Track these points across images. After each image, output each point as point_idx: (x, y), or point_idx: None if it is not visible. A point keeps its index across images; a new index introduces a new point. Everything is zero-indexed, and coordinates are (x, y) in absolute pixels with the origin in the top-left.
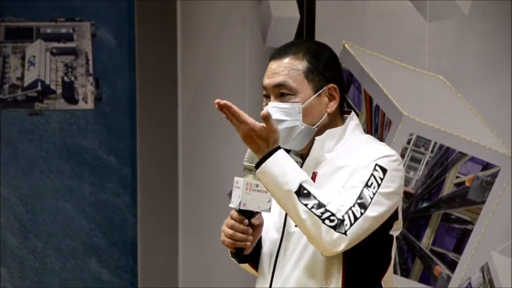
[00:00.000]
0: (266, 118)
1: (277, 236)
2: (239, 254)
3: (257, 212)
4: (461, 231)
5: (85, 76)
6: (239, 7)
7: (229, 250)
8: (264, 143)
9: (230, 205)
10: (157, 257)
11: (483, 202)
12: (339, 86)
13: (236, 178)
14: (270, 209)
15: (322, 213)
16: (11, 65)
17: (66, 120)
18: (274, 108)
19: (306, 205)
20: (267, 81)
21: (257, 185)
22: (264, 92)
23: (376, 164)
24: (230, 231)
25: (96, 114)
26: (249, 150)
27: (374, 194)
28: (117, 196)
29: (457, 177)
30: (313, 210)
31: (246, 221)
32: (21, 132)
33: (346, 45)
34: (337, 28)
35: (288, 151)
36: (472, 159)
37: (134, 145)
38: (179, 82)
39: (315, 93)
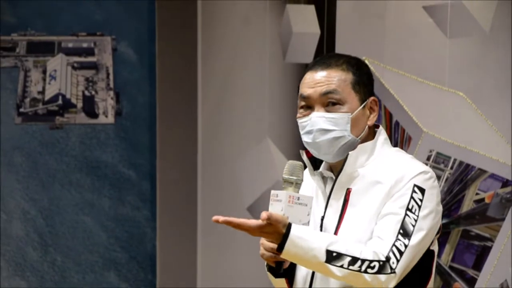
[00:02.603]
0: (267, 219)
1: None
2: (278, 268)
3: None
4: (481, 248)
5: (105, 90)
6: (259, 23)
7: (266, 264)
8: (275, 233)
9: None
10: (176, 271)
11: (503, 219)
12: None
13: (274, 192)
14: (308, 222)
15: (360, 266)
16: (32, 79)
17: (86, 134)
18: (321, 118)
19: (341, 266)
20: (311, 90)
21: (298, 198)
22: (304, 103)
23: (415, 185)
24: (271, 245)
25: (116, 128)
26: (288, 162)
27: (416, 220)
28: (136, 210)
29: (477, 193)
30: (350, 267)
31: None
32: (42, 146)
33: (366, 61)
34: (357, 43)
35: (319, 161)
36: (492, 176)
37: (154, 160)
38: (199, 97)
39: (360, 105)
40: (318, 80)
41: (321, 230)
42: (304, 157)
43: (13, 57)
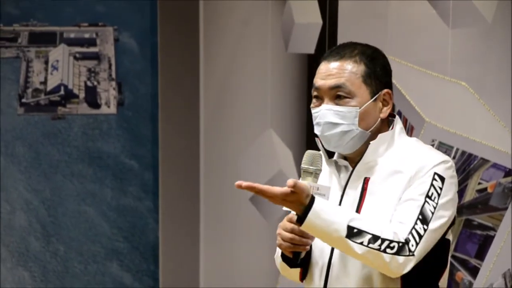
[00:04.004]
0: (293, 186)
1: (325, 244)
2: (296, 258)
3: None
4: (483, 237)
5: (107, 81)
6: (262, 14)
7: (280, 254)
8: (297, 203)
9: (289, 209)
10: (178, 261)
11: (505, 209)
12: (392, 92)
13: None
14: None
15: (380, 245)
16: (34, 69)
17: (88, 125)
18: (330, 111)
19: (361, 243)
20: (321, 82)
21: (317, 188)
22: (316, 94)
23: (435, 173)
24: (290, 235)
25: (118, 118)
26: (306, 152)
27: (435, 207)
28: (138, 200)
29: (479, 183)
30: (370, 245)
31: None
32: (44, 136)
33: None
34: (359, 34)
35: (332, 153)
36: (494, 165)
37: (156, 150)
38: (201, 88)
39: (371, 98)
40: (329, 72)
41: None
42: (320, 145)
43: (15, 47)
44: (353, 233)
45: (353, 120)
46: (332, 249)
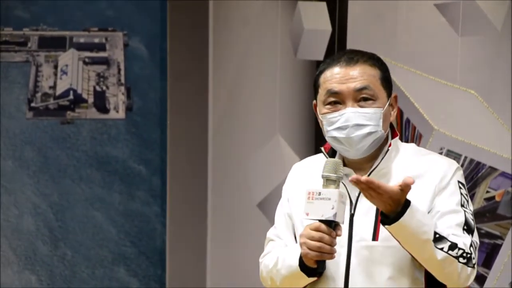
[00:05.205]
0: (408, 185)
1: (339, 250)
2: (321, 267)
3: (338, 224)
4: (491, 245)
5: (116, 85)
6: (271, 20)
7: (298, 263)
8: (397, 202)
9: (314, 218)
10: (186, 266)
11: None
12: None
13: (313, 189)
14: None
15: (457, 253)
16: (43, 73)
17: (97, 129)
18: (355, 113)
19: (441, 248)
20: (342, 86)
21: (342, 196)
22: (333, 99)
23: (458, 181)
24: (318, 244)
25: (127, 123)
26: (327, 160)
27: (471, 215)
28: (146, 205)
29: (487, 191)
30: (449, 252)
31: (334, 233)
32: (53, 141)
33: None
34: (368, 41)
35: (334, 155)
36: (503, 174)
37: (164, 155)
38: (210, 93)
39: (388, 100)
40: (350, 76)
41: (351, 227)
42: (325, 155)
43: (25, 51)
44: (436, 238)
45: (378, 121)
46: (349, 258)
